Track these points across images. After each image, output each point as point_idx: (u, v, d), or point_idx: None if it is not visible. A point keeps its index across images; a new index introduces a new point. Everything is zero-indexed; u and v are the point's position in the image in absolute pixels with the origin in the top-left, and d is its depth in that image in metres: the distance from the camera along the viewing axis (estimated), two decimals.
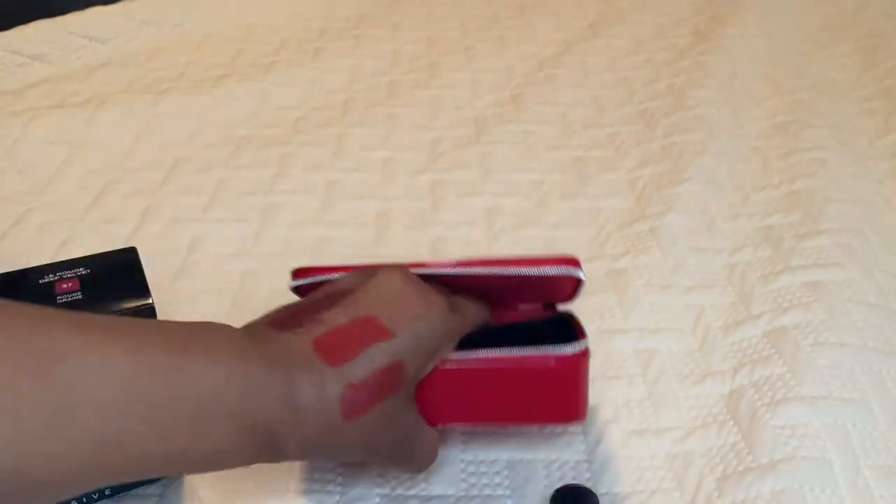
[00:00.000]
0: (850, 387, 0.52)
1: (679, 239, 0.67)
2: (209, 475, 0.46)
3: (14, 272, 0.44)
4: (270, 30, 1.05)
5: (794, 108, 0.89)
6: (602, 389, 0.53)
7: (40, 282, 0.43)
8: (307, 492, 0.46)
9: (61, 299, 0.41)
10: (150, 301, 0.43)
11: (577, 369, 0.40)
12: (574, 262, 0.42)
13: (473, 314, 0.41)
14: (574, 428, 0.50)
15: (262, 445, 0.31)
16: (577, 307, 0.46)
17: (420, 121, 0.85)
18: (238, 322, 0.36)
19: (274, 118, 0.85)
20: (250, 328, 0.35)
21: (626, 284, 0.62)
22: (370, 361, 0.34)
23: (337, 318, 0.35)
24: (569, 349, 0.40)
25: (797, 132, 0.83)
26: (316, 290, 0.39)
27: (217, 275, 0.62)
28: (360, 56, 0.99)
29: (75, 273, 0.44)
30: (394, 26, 1.08)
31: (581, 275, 0.42)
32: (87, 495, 0.43)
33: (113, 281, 0.44)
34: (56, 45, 0.93)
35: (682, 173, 0.76)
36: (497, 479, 0.47)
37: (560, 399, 0.41)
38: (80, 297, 0.42)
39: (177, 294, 0.59)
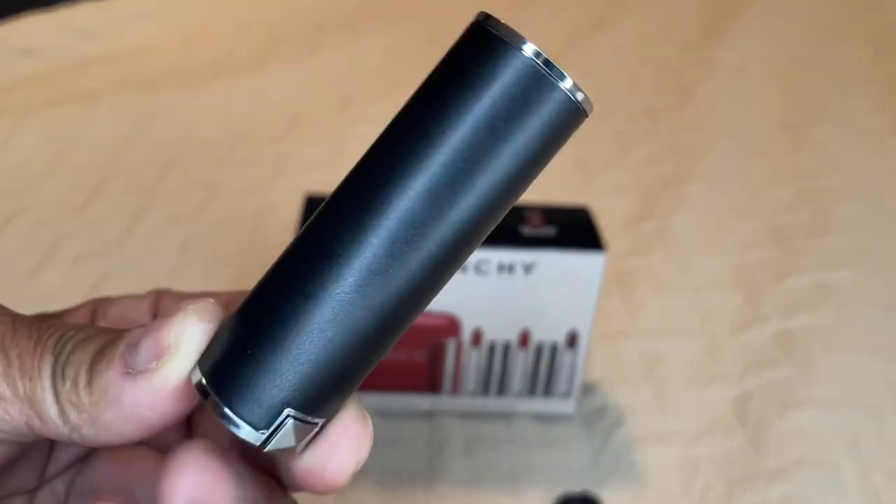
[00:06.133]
0: (860, 390, 0.52)
1: (685, 239, 0.67)
2: None
3: None
4: (266, 25, 1.04)
5: (804, 105, 0.89)
6: (607, 393, 0.52)
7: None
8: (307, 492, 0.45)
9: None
10: None
11: None
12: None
13: None
14: (578, 432, 0.50)
15: None
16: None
17: None
18: None
19: (270, 114, 0.84)
20: None
21: (631, 286, 0.61)
22: None
23: None
24: None
25: (806, 130, 0.83)
26: None
27: (211, 276, 0.61)
28: (357, 51, 0.98)
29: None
30: (392, 21, 1.07)
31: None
32: None
33: None
34: (48, 40, 0.92)
35: (689, 172, 0.75)
36: (500, 485, 0.46)
37: None
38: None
39: None
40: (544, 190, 0.73)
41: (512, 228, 0.45)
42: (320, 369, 0.17)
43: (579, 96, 0.17)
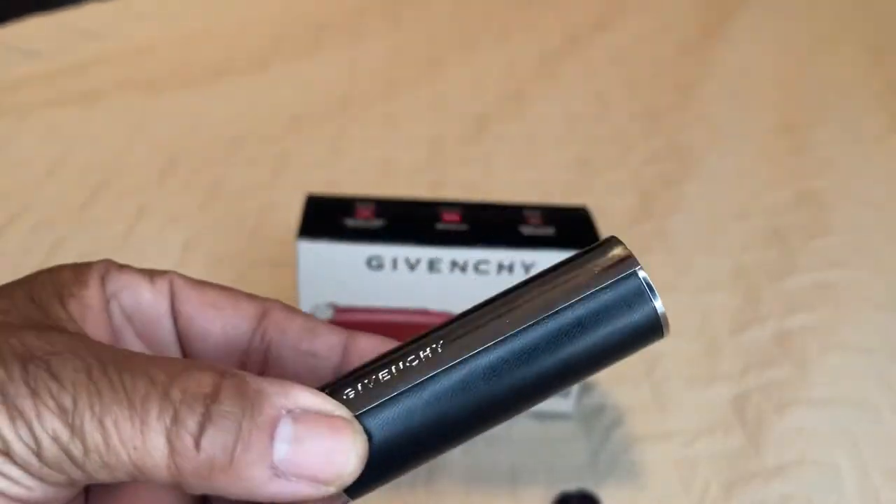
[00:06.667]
0: (859, 390, 0.52)
1: (685, 239, 0.66)
2: None
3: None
4: (267, 25, 1.04)
5: (802, 105, 0.88)
6: (606, 392, 0.52)
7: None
8: None
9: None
10: None
11: None
12: None
13: None
14: (577, 431, 0.49)
15: None
16: None
17: (420, 118, 0.84)
18: None
19: (270, 115, 0.83)
20: None
21: None
22: None
23: None
24: None
25: (805, 130, 0.83)
26: None
27: (212, 276, 0.61)
28: (358, 52, 0.98)
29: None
30: (394, 21, 1.07)
31: None
32: None
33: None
34: (51, 40, 0.92)
35: (689, 172, 0.75)
36: (499, 484, 0.46)
37: None
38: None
39: None
40: (544, 190, 0.73)
41: (511, 228, 0.45)
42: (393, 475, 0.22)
43: (664, 316, 0.22)
